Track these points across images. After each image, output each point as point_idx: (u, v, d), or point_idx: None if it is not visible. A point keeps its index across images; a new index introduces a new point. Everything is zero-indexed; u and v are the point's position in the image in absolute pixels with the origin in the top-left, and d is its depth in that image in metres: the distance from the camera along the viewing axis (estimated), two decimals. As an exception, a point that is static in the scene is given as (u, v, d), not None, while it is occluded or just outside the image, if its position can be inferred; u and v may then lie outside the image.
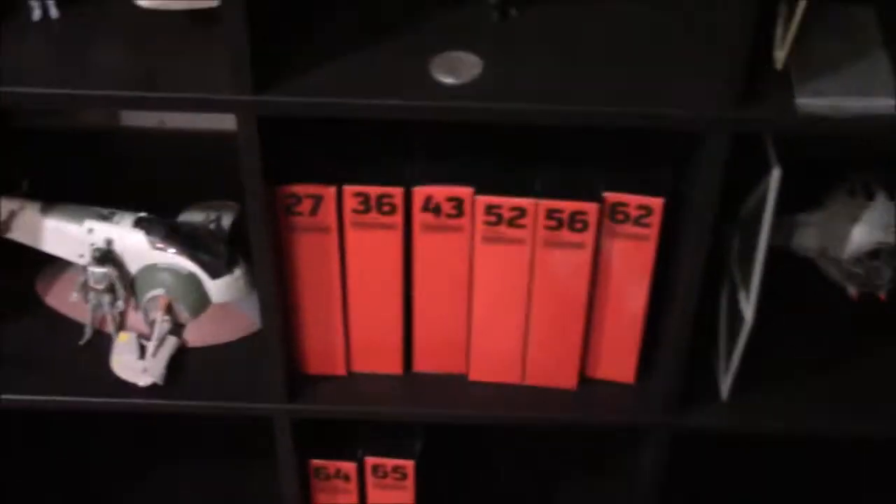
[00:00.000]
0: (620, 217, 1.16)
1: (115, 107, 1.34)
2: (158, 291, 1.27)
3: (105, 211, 1.28)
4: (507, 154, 1.18)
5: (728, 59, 0.99)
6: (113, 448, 1.66)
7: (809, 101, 1.03)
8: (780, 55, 1.03)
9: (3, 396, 1.28)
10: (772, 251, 1.16)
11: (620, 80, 1.04)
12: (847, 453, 1.62)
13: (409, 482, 1.40)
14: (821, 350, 1.32)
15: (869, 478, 1.63)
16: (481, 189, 1.15)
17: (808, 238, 1.23)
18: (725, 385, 1.27)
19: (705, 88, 1.02)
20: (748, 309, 1.17)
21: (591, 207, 1.14)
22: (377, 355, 1.28)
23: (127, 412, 1.29)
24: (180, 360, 1.30)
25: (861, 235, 1.20)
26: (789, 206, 1.20)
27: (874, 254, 1.20)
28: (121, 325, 1.31)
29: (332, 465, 1.38)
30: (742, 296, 1.19)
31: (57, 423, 1.61)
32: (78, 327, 1.32)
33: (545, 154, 1.18)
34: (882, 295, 1.24)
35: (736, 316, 1.21)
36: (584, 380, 1.29)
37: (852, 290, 1.24)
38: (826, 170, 1.27)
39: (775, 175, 1.08)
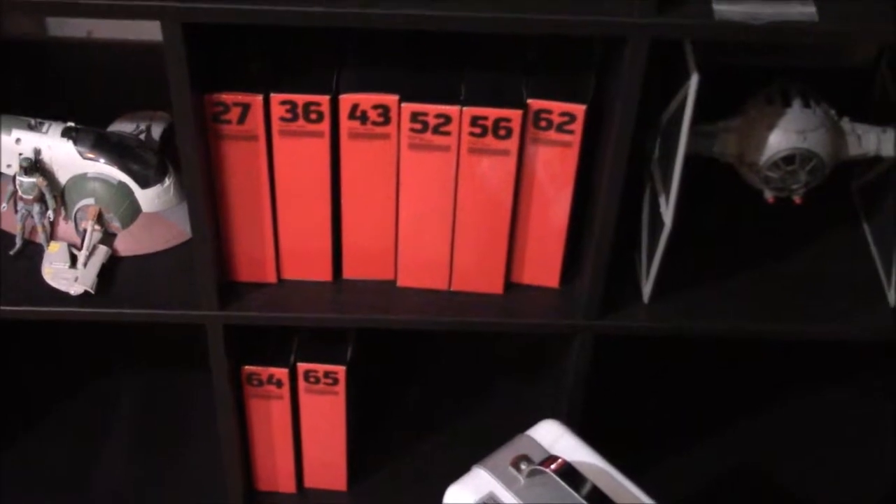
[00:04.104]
0: (544, 124, 1.18)
1: (39, 12, 1.34)
2: (88, 201, 1.28)
3: (33, 121, 1.28)
4: (434, 62, 1.19)
5: (646, -34, 1.01)
6: (46, 358, 1.67)
7: (726, 8, 1.05)
8: (697, -37, 1.05)
9: (-65, 307, 1.29)
10: (691, 157, 1.19)
11: (542, -14, 1.06)
12: (762, 352, 1.67)
13: (341, 387, 1.42)
14: (739, 253, 1.36)
15: (782, 376, 1.68)
16: (407, 96, 1.16)
17: (726, 144, 1.26)
18: (647, 288, 1.30)
19: (625, -6, 1.05)
20: (668, 213, 1.20)
21: (514, 114, 1.17)
22: (307, 262, 1.30)
23: (60, 321, 1.30)
24: (112, 270, 1.32)
25: (777, 141, 1.23)
26: (709, 112, 1.23)
27: (789, 159, 1.23)
28: (51, 235, 1.32)
29: (265, 371, 1.40)
30: (662, 201, 1.22)
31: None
32: (8, 237, 1.32)
33: (471, 62, 1.19)
34: (797, 199, 1.27)
35: (656, 220, 1.24)
36: (510, 285, 1.32)
37: (769, 195, 1.28)
38: (745, 77, 1.30)
39: (694, 81, 1.11)
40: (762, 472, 1.59)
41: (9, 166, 1.28)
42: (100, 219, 1.29)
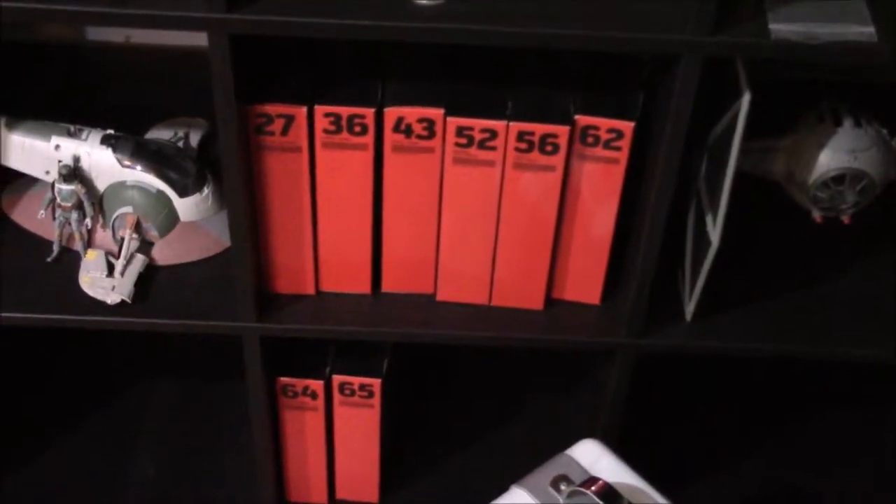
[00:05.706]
0: (591, 140, 1.16)
1: (86, 23, 1.33)
2: (126, 209, 1.27)
3: (72, 127, 1.26)
4: (480, 76, 1.18)
5: (702, -16, 0.99)
6: (80, 365, 1.66)
7: (782, 27, 1.03)
8: (754, -20, 1.03)
9: (-29, 313, 1.27)
10: (739, 175, 1.17)
11: (596, 2, 1.04)
12: (806, 374, 1.65)
13: (376, 400, 1.41)
14: (784, 272, 1.34)
15: (827, 396, 1.66)
16: (453, 110, 1.15)
17: (775, 162, 1.25)
18: (690, 306, 1.28)
19: (680, 12, 1.02)
20: (715, 232, 1.18)
21: (562, 130, 1.15)
22: (346, 275, 1.29)
23: (96, 329, 1.29)
24: (149, 279, 1.30)
25: (827, 160, 1.21)
26: (757, 130, 1.21)
27: (839, 179, 1.22)
28: (89, 243, 1.31)
29: (300, 382, 1.39)
30: (709, 219, 1.20)
31: (24, 340, 1.61)
32: (45, 244, 1.31)
33: (518, 76, 1.18)
34: (846, 219, 1.26)
35: (702, 239, 1.22)
36: (551, 301, 1.31)
37: (817, 214, 1.26)
38: (795, 95, 1.28)
39: (746, 99, 1.09)
40: (804, 492, 1.57)
41: (47, 173, 1.27)
42: (138, 227, 1.28)
